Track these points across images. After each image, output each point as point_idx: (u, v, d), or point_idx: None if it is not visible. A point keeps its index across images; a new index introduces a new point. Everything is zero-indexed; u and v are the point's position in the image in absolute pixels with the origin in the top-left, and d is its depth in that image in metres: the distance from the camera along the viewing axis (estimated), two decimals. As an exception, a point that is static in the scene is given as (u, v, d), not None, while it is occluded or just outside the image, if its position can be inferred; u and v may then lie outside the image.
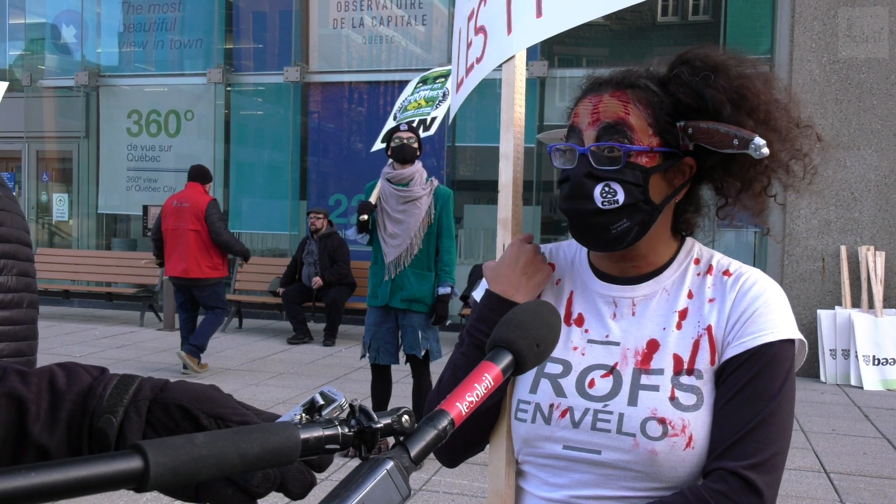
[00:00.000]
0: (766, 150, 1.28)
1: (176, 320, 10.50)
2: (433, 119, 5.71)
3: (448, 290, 5.33)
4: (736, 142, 1.30)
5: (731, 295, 1.37)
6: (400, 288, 5.28)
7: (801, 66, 8.69)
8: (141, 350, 9.09)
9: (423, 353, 5.28)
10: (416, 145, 5.28)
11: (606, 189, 1.34)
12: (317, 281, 9.65)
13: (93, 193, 12.89)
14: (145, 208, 10.70)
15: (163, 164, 12.46)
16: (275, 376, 7.88)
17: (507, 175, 1.56)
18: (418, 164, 5.33)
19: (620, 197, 1.33)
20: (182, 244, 7.73)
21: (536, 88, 10.80)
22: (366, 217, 5.31)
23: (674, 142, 1.36)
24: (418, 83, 6.32)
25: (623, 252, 1.42)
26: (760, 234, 1.43)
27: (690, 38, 11.41)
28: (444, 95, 5.94)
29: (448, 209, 5.34)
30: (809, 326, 8.45)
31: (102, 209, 12.94)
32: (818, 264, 8.66)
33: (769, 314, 1.33)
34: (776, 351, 1.31)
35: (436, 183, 5.39)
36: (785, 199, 1.49)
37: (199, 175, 7.94)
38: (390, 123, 5.99)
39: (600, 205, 1.34)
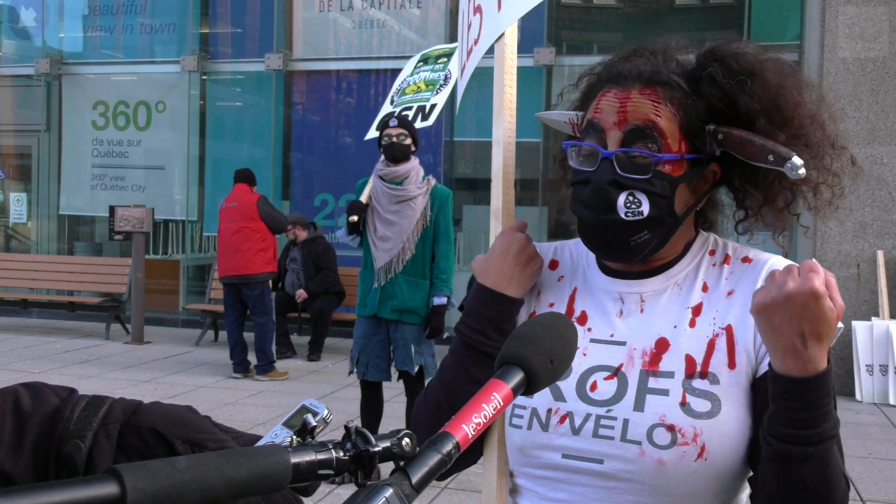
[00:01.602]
0: (803, 172, 1.28)
1: (145, 333, 10.51)
2: (432, 107, 5.68)
3: (444, 300, 5.30)
4: (771, 157, 1.30)
5: (752, 284, 1.37)
6: (390, 297, 5.27)
7: (833, 53, 8.72)
8: (107, 366, 9.08)
9: (416, 369, 5.27)
10: (407, 142, 5.25)
11: (631, 199, 1.35)
12: (301, 294, 9.66)
13: (54, 193, 12.89)
14: (112, 209, 10.70)
15: (131, 160, 12.46)
16: (254, 395, 7.88)
17: (499, 162, 1.57)
18: (414, 161, 5.32)
19: (645, 208, 1.35)
20: (232, 242, 8.40)
21: (543, 78, 10.82)
22: (356, 218, 5.30)
23: (702, 147, 1.37)
24: (419, 62, 6.29)
25: None
26: (787, 237, 1.44)
27: (711, 23, 11.46)
28: (446, 79, 5.88)
29: (446, 210, 5.33)
30: (843, 339, 8.45)
31: (64, 210, 12.93)
32: (853, 271, 8.67)
33: None
34: None
35: (433, 181, 5.38)
36: (815, 225, 1.51)
37: (245, 177, 8.68)
38: (386, 108, 5.98)
39: (624, 216, 1.35)
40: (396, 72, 11.66)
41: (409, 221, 5.24)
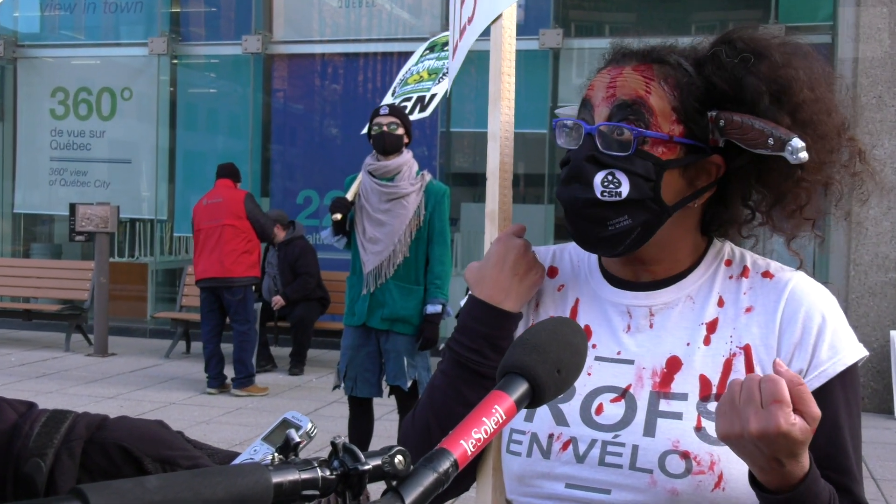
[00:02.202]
0: (804, 155, 1.29)
1: (109, 345, 10.49)
2: (432, 97, 5.68)
3: (438, 308, 5.29)
4: (771, 141, 1.31)
5: (774, 304, 1.38)
6: (380, 304, 5.26)
7: (871, 35, 8.72)
8: (67, 380, 9.07)
9: (409, 383, 5.26)
10: (399, 132, 5.24)
11: (609, 178, 1.35)
12: (277, 301, 9.62)
13: (8, 189, 12.87)
14: (72, 207, 10.68)
15: (94, 153, 12.45)
16: (231, 412, 7.87)
17: (495, 159, 1.57)
18: (407, 155, 5.32)
19: (625, 189, 1.35)
20: (215, 241, 8.40)
21: (549, 62, 10.83)
22: (339, 216, 5.30)
23: (701, 134, 1.38)
24: (425, 50, 6.30)
25: (634, 255, 1.43)
26: (816, 243, 1.43)
27: (736, 3, 11.48)
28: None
29: (442, 209, 5.33)
30: (881, 351, 8.47)
31: (20, 208, 12.91)
32: (891, 276, 8.68)
33: (837, 330, 1.36)
34: (854, 375, 1.35)
35: (428, 177, 5.38)
36: (849, 226, 1.51)
37: (230, 172, 8.70)
38: (387, 100, 5.98)
39: (599, 195, 1.35)
40: (387, 56, 11.75)
41: (400, 221, 5.23)
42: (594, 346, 1.44)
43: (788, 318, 1.36)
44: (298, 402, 8.30)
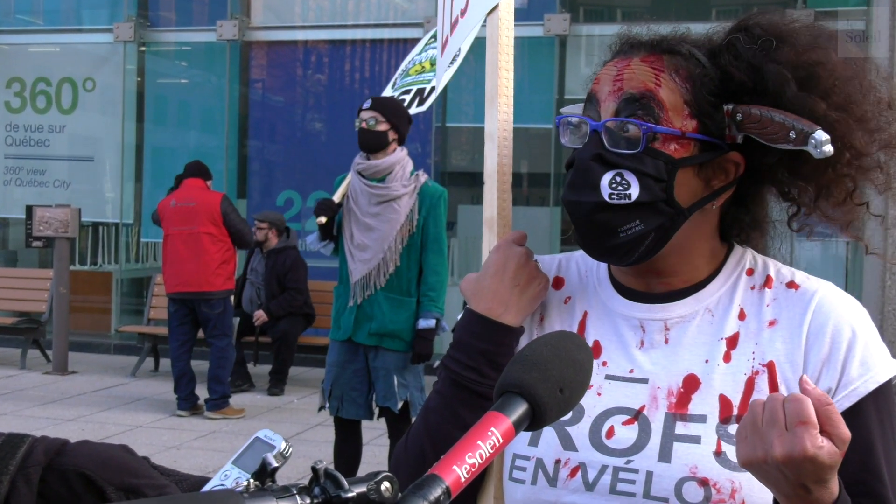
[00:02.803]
0: (828, 149, 1.30)
1: (69, 362, 10.46)
2: (431, 90, 5.67)
3: (432, 322, 5.26)
4: (793, 134, 1.32)
5: (800, 318, 1.38)
6: (368, 318, 5.25)
7: (907, 21, 8.75)
8: (23, 401, 9.05)
9: (399, 405, 5.26)
10: (381, 128, 5.20)
11: (618, 179, 1.36)
12: (259, 316, 9.58)
13: (-42, 189, 12.86)
14: (29, 209, 10.67)
15: (53, 149, 12.45)
16: (203, 436, 7.86)
17: (492, 161, 1.58)
18: (399, 153, 5.29)
19: (634, 191, 1.36)
20: (191, 251, 8.32)
21: (555, 50, 10.84)
22: (324, 220, 5.30)
23: (716, 130, 1.39)
24: (430, 38, 6.32)
25: (647, 265, 1.43)
26: (854, 246, 1.45)
27: (760, -15, 11.49)
28: (455, 57, 5.89)
29: (438, 213, 5.32)
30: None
31: (-29, 211, 12.90)
32: (931, 285, 8.69)
33: (868, 345, 1.36)
34: (888, 393, 1.35)
35: (423, 178, 5.36)
36: (886, 210, 1.52)
37: (199, 171, 8.64)
38: (387, 92, 5.98)
39: (607, 198, 1.36)
40: (376, 43, 11.76)
41: (391, 226, 5.22)
42: (604, 363, 1.45)
43: (815, 333, 1.36)
44: (279, 425, 8.29)
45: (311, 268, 9.90)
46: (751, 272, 1.46)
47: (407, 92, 5.73)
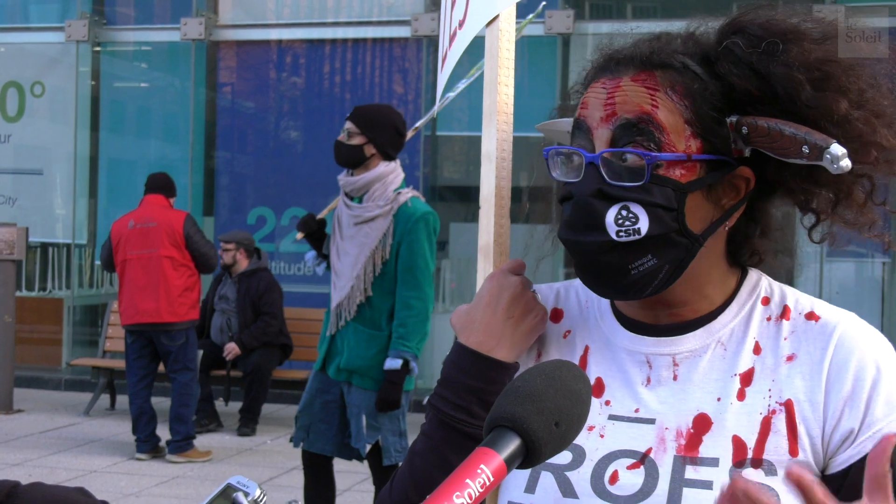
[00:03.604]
0: (846, 164, 1.32)
1: (14, 399, 10.41)
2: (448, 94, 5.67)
3: (397, 363, 5.17)
4: (806, 149, 1.34)
5: (820, 353, 1.40)
6: (339, 351, 5.28)
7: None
8: (-38, 443, 9.02)
9: (367, 448, 5.24)
10: (357, 141, 5.18)
11: (624, 214, 1.37)
12: (231, 349, 9.52)
13: None
14: (-30, 229, 10.67)
15: (-3, 162, 12.45)
16: (165, 482, 7.83)
17: (490, 184, 1.60)
18: (381, 169, 5.23)
19: (643, 225, 1.37)
20: (152, 277, 8.26)
21: (558, 50, 10.87)
22: (300, 236, 5.34)
23: (722, 145, 1.41)
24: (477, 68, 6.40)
25: (655, 297, 1.45)
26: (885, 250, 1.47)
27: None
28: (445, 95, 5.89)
29: (415, 237, 5.22)
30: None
31: None
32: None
33: (894, 383, 1.37)
34: None
35: (405, 197, 5.28)
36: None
37: (162, 186, 8.57)
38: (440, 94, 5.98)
39: (615, 235, 1.37)
40: (359, 43, 11.73)
41: (362, 252, 5.22)
42: (608, 402, 1.46)
43: (838, 369, 1.38)
44: (250, 468, 8.27)
45: (286, 293, 9.90)
46: (766, 301, 1.47)
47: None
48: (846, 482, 1.34)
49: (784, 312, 1.45)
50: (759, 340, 1.44)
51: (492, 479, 0.86)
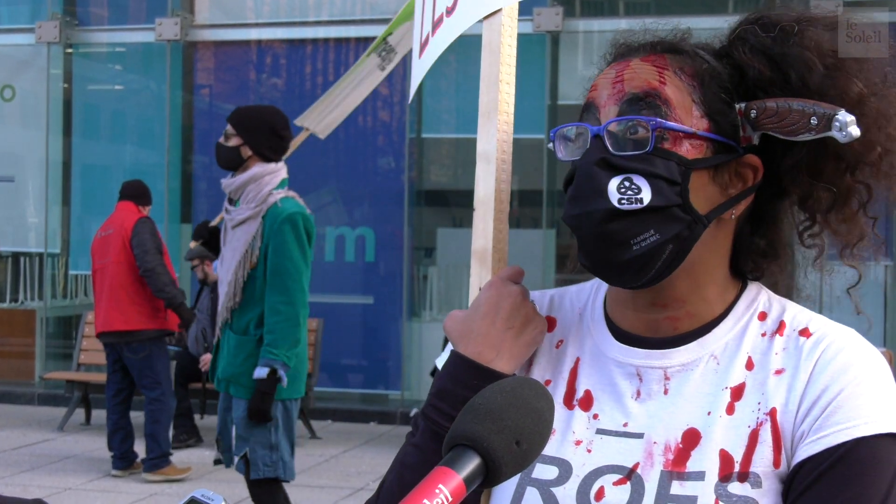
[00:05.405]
0: (854, 130, 1.34)
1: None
2: (393, 54, 5.71)
3: (264, 372, 5.13)
4: (814, 120, 1.35)
5: (806, 364, 1.39)
6: (220, 360, 5.38)
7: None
8: (-70, 461, 8.99)
9: (235, 461, 5.25)
10: (233, 143, 5.27)
11: (626, 183, 1.38)
12: (206, 360, 9.56)
13: None
14: (-62, 238, 10.65)
15: (-34, 168, 12.44)
16: (141, 500, 7.83)
17: (488, 185, 1.59)
18: (255, 170, 5.25)
19: (646, 195, 1.38)
20: (105, 285, 8.33)
21: (546, 48, 10.92)
22: (193, 244, 5.40)
23: (730, 131, 1.42)
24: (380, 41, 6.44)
25: (654, 293, 1.45)
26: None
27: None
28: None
29: (283, 241, 5.18)
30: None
31: None
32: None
33: (863, 395, 1.35)
34: (875, 451, 1.32)
35: (276, 198, 5.25)
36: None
37: (134, 194, 8.60)
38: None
39: (616, 203, 1.38)
40: (341, 42, 11.80)
41: (233, 256, 5.28)
42: (595, 416, 1.47)
43: (817, 374, 1.38)
44: (229, 485, 8.25)
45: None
46: (763, 316, 1.48)
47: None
48: (800, 470, 1.34)
49: (779, 328, 1.46)
50: (751, 356, 1.44)
51: (450, 498, 0.87)
